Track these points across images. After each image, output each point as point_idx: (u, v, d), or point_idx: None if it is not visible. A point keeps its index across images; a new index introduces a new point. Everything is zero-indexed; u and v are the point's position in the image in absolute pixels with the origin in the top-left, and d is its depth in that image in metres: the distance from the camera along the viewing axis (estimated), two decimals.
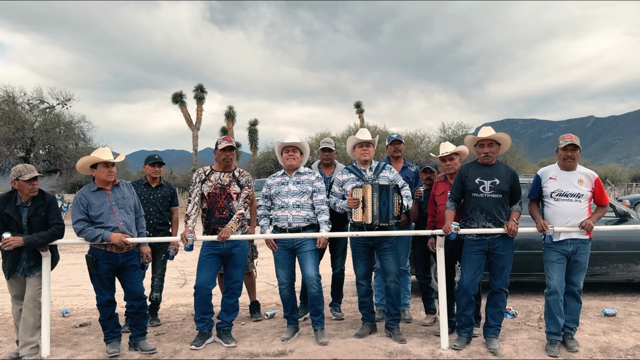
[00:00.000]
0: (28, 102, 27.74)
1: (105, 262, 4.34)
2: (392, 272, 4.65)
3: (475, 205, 4.42)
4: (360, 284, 4.83)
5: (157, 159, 5.48)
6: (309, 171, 4.80)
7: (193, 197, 4.64)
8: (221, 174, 4.68)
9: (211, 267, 4.57)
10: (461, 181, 4.50)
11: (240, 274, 4.72)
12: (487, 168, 4.47)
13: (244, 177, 4.71)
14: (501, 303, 4.49)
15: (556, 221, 4.35)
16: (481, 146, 4.48)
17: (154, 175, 5.47)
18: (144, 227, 4.71)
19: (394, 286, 4.66)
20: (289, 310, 4.78)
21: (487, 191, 4.39)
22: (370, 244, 4.71)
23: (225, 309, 4.68)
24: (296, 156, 4.75)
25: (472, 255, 4.43)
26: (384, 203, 4.49)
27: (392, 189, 4.53)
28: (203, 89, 32.92)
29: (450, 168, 4.86)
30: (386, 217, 4.49)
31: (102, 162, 4.34)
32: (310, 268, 4.56)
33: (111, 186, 4.46)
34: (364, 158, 4.76)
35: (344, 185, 4.77)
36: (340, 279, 5.61)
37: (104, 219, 4.32)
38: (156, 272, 5.48)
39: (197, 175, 4.71)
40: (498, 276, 4.44)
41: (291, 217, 4.63)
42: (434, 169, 5.25)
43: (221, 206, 4.59)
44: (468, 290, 4.41)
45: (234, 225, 4.48)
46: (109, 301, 4.44)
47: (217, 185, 4.61)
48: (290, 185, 4.68)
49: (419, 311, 5.84)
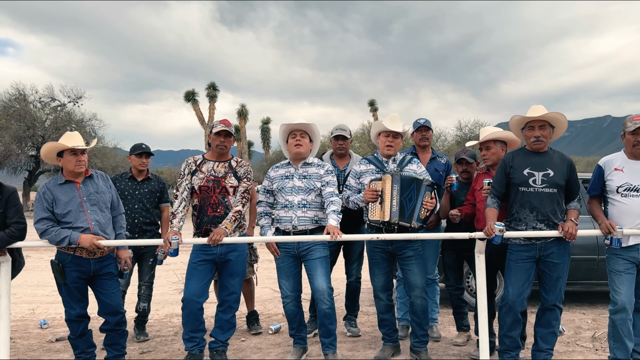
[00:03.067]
0: (39, 99, 27.49)
1: (74, 269, 3.61)
2: (418, 285, 3.83)
3: (524, 203, 3.59)
4: (379, 297, 4.02)
5: (144, 149, 4.74)
6: (319, 163, 4.01)
7: (181, 191, 3.88)
8: (215, 163, 3.91)
9: (202, 276, 3.81)
10: (505, 173, 3.67)
11: (238, 283, 3.94)
12: (538, 156, 3.63)
13: (242, 168, 3.94)
14: (554, 322, 3.65)
15: (625, 222, 3.51)
16: (530, 129, 3.64)
17: (141, 167, 4.74)
18: (124, 227, 3.97)
19: (420, 302, 3.85)
20: (295, 328, 4.00)
21: (538, 185, 3.56)
22: (389, 249, 3.90)
23: (220, 326, 3.92)
24: (304, 142, 3.95)
25: (520, 264, 3.60)
26: (410, 199, 3.68)
27: (424, 185, 3.70)
28: (215, 87, 32.31)
29: (490, 158, 4.03)
30: (410, 215, 3.68)
31: (68, 149, 3.61)
32: (320, 279, 3.77)
33: (82, 178, 3.73)
34: (388, 152, 3.97)
35: (362, 177, 3.98)
36: (356, 289, 4.81)
37: (72, 218, 3.59)
38: (143, 280, 4.75)
39: (185, 166, 3.95)
40: (551, 289, 3.60)
41: (296, 218, 3.83)
42: (472, 160, 4.42)
43: (215, 202, 3.82)
44: (514, 306, 3.58)
45: (229, 225, 3.71)
46: (79, 316, 3.71)
47: (210, 178, 3.85)
48: (296, 180, 3.89)
49: (447, 325, 5.03)
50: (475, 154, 4.50)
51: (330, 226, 3.56)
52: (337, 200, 3.78)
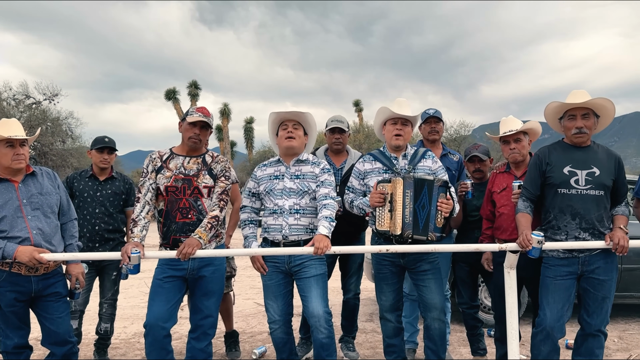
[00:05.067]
0: (14, 97, 26.39)
1: (11, 289, 2.89)
2: (436, 305, 3.18)
3: (564, 207, 2.97)
4: (386, 319, 3.36)
5: (107, 142, 4.03)
6: (314, 160, 3.34)
7: (143, 193, 3.17)
8: (185, 159, 3.21)
9: (169, 296, 3.10)
10: (541, 171, 3.05)
11: (214, 305, 3.24)
12: (581, 152, 3.02)
13: (219, 164, 3.24)
14: (598, 351, 3.03)
15: None
16: (571, 118, 3.01)
17: (103, 164, 4.02)
18: (76, 237, 3.25)
19: (438, 326, 3.19)
20: (284, 359, 3.31)
21: (581, 186, 2.94)
22: (400, 262, 3.25)
23: (192, 356, 3.22)
24: (298, 135, 3.28)
25: (559, 281, 2.97)
26: (423, 206, 3.02)
27: (437, 187, 3.03)
28: (197, 86, 31.45)
29: (517, 154, 3.40)
30: (424, 226, 3.02)
31: (3, 139, 2.90)
32: (315, 302, 3.09)
33: (22, 176, 3.02)
34: (396, 143, 3.27)
35: (367, 177, 3.31)
36: (355, 306, 4.14)
37: (7, 226, 2.87)
38: (105, 297, 4.03)
39: (149, 162, 3.24)
40: (595, 311, 2.98)
41: (287, 227, 3.16)
42: (485, 157, 3.80)
43: (185, 206, 3.12)
44: (552, 333, 2.95)
45: (203, 234, 3.02)
46: (17, 347, 2.99)
47: (180, 176, 3.15)
48: (287, 181, 3.22)
49: (458, 347, 4.40)
50: (488, 150, 3.88)
51: (318, 236, 2.89)
52: (332, 204, 3.10)
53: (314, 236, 2.92)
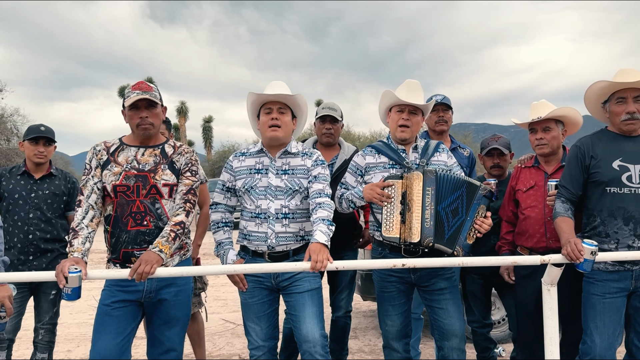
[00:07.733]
0: None
1: None
2: (455, 332, 2.57)
3: (614, 210, 2.43)
4: (392, 348, 2.73)
5: (43, 132, 3.28)
6: (305, 150, 2.70)
7: (86, 194, 2.45)
8: (139, 150, 2.51)
9: (120, 328, 2.40)
10: (583, 166, 2.51)
11: (178, 335, 2.55)
12: (632, 142, 2.49)
13: (183, 156, 2.55)
14: None
15: None
16: (620, 101, 2.48)
17: (38, 159, 3.28)
18: (1, 250, 2.51)
19: (457, 356, 2.60)
20: None
21: (635, 183, 2.41)
22: (411, 278, 2.64)
23: None
24: (284, 121, 2.62)
25: (608, 300, 2.44)
26: (455, 211, 2.41)
27: (480, 195, 2.43)
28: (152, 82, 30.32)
29: (545, 146, 2.85)
30: (451, 237, 2.43)
31: None
32: (310, 323, 2.45)
33: None
34: (401, 136, 2.68)
35: (368, 173, 2.69)
36: (346, 326, 3.53)
37: None
38: (42, 321, 3.29)
39: (92, 155, 2.51)
40: None
41: (274, 235, 2.52)
42: (507, 151, 3.26)
43: (139, 210, 2.42)
44: None
45: (165, 247, 2.33)
46: None
47: (132, 172, 2.44)
48: (272, 177, 2.57)
49: None
50: (508, 144, 3.34)
51: (315, 246, 2.25)
52: (328, 203, 2.46)
53: (310, 245, 2.28)
